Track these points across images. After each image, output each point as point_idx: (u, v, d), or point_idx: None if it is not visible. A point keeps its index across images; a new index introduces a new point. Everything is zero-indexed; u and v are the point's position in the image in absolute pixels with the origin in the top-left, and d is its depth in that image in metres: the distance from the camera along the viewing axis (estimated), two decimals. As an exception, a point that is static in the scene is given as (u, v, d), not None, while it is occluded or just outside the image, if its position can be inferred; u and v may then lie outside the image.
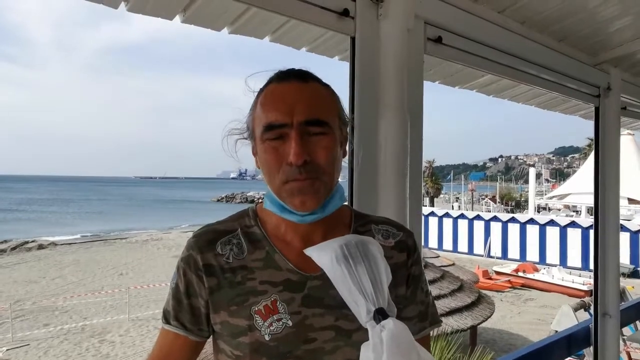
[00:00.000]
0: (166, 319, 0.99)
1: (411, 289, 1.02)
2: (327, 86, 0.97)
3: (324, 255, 0.87)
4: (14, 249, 29.34)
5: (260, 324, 0.90)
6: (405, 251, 1.02)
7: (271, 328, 0.90)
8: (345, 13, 1.48)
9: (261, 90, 0.96)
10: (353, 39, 1.52)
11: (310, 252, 0.90)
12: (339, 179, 0.97)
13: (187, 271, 0.96)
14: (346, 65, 1.58)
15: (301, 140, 0.87)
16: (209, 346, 1.02)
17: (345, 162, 1.00)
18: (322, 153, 0.90)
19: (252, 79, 0.98)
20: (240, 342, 0.92)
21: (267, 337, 0.90)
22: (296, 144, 0.87)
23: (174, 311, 0.98)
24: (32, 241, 32.04)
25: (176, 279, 0.98)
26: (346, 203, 1.03)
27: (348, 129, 1.01)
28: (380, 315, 0.80)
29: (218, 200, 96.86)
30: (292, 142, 0.87)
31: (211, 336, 1.00)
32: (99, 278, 21.18)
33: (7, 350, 12.32)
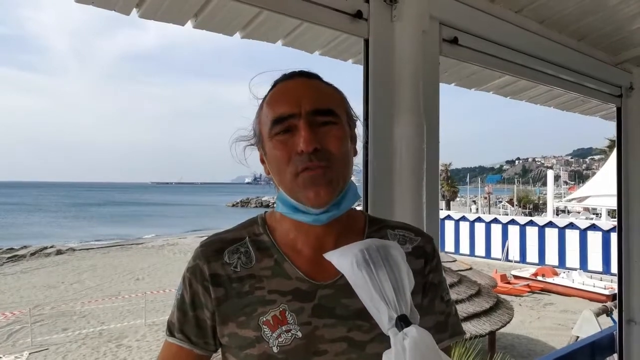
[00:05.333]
0: (170, 331, 0.96)
1: (428, 298, 0.97)
2: (331, 84, 0.96)
3: (344, 260, 0.83)
4: (33, 254, 29.77)
5: (268, 335, 0.87)
6: (422, 258, 0.97)
7: (280, 339, 0.86)
8: (358, 15, 1.46)
9: (267, 94, 0.95)
10: (367, 42, 1.49)
11: (329, 256, 0.86)
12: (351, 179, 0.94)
13: (192, 282, 0.94)
14: (360, 69, 1.56)
15: (310, 128, 0.85)
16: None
17: (359, 166, 0.97)
18: (333, 141, 0.87)
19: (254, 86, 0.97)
20: (248, 354, 0.88)
21: (275, 349, 0.86)
22: (305, 131, 0.85)
23: (178, 323, 0.95)
24: (51, 247, 32.49)
25: (181, 290, 0.95)
26: (359, 204, 1.00)
27: (362, 131, 0.98)
28: (402, 322, 0.76)
29: (233, 205, 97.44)
30: (301, 131, 0.85)
31: (219, 350, 0.97)
32: (116, 283, 21.37)
33: (30, 354, 12.50)
